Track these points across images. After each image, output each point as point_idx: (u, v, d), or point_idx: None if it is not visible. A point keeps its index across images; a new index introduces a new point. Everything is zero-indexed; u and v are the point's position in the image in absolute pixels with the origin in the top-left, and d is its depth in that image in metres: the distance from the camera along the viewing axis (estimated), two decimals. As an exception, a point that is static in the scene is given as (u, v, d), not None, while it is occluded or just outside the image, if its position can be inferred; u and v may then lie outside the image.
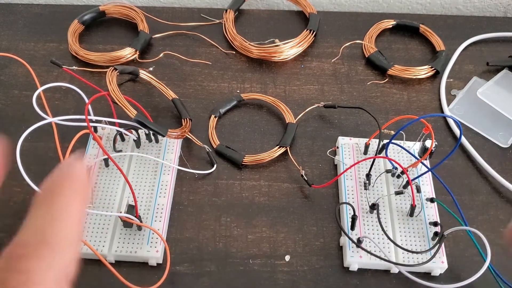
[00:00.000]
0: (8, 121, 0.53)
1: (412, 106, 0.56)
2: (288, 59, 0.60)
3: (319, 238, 0.46)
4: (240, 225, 0.46)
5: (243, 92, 0.56)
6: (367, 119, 0.54)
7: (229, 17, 0.63)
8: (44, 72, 0.57)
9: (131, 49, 0.58)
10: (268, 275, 0.43)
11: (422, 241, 0.44)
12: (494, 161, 0.51)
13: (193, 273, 0.43)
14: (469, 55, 0.61)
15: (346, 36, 0.62)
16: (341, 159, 0.49)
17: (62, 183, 0.20)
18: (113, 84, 0.46)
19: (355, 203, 0.46)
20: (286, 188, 0.49)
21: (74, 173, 0.20)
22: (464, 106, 0.56)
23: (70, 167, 0.20)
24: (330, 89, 0.57)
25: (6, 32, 0.62)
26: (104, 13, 0.63)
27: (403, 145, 0.47)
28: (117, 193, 0.46)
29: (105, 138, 0.49)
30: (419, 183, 0.47)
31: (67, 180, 0.20)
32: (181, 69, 0.58)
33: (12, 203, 0.47)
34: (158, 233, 0.43)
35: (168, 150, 0.49)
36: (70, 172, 0.20)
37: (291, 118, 0.53)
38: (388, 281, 0.43)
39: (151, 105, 0.55)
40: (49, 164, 0.49)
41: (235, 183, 0.49)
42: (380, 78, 0.58)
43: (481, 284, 0.41)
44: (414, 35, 0.63)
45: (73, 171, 0.20)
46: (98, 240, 0.43)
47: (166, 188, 0.47)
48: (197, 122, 0.53)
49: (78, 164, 0.20)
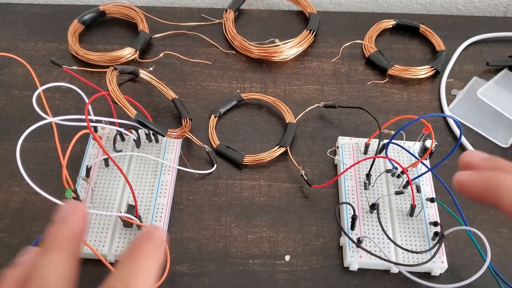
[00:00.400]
0: (8, 121, 0.53)
1: (412, 106, 0.56)
2: (288, 59, 0.60)
3: (319, 238, 0.46)
4: (240, 225, 0.46)
5: (243, 92, 0.56)
6: (367, 119, 0.54)
7: (229, 17, 0.63)
8: (44, 72, 0.57)
9: (131, 49, 0.58)
10: (268, 275, 0.43)
11: (422, 241, 0.44)
12: (494, 161, 0.51)
13: (193, 273, 0.43)
14: (469, 55, 0.61)
15: (346, 36, 0.62)
16: (341, 159, 0.49)
17: (147, 245, 0.24)
18: (113, 84, 0.46)
19: (355, 203, 0.46)
20: (286, 188, 0.49)
21: (155, 238, 0.25)
22: (464, 106, 0.56)
23: (152, 232, 0.25)
24: (330, 89, 0.57)
25: (6, 32, 0.62)
26: (104, 13, 0.63)
27: (403, 145, 0.47)
28: (117, 193, 0.46)
29: (105, 138, 0.49)
30: (419, 183, 0.47)
31: (150, 243, 0.24)
32: (181, 69, 0.58)
33: (12, 203, 0.47)
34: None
35: (168, 150, 0.49)
36: (152, 237, 0.25)
37: (291, 118, 0.53)
38: (388, 281, 0.43)
39: (151, 105, 0.55)
40: (49, 164, 0.49)
41: (235, 183, 0.49)
42: (380, 78, 0.58)
43: (481, 284, 0.41)
44: (414, 35, 0.63)
45: (155, 237, 0.25)
46: (98, 240, 0.43)
47: (166, 188, 0.47)
48: (197, 122, 0.53)
49: (158, 231, 0.25)
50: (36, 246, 0.36)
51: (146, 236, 0.25)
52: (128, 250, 0.24)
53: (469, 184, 0.29)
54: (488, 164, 0.30)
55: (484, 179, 0.28)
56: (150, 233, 0.25)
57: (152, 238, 0.25)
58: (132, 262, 0.24)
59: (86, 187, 0.46)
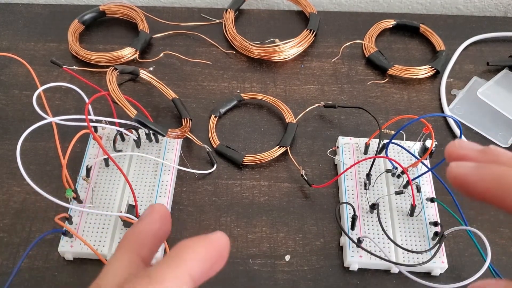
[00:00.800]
0: (8, 121, 0.53)
1: (412, 106, 0.56)
2: (288, 59, 0.60)
3: (319, 238, 0.46)
4: (240, 225, 0.46)
5: (243, 92, 0.56)
6: (367, 119, 0.54)
7: (229, 17, 0.63)
8: (44, 72, 0.57)
9: (131, 49, 0.58)
10: (268, 275, 0.43)
11: (422, 241, 0.44)
12: (494, 161, 0.51)
13: (193, 273, 0.43)
14: (469, 55, 0.61)
15: (346, 36, 0.62)
16: (341, 159, 0.49)
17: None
18: (113, 84, 0.46)
19: (355, 203, 0.46)
20: (286, 188, 0.49)
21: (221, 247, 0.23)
22: (464, 106, 0.56)
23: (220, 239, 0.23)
24: (330, 89, 0.57)
25: (6, 32, 0.62)
26: (104, 13, 0.63)
27: (403, 145, 0.47)
28: (117, 193, 0.46)
29: (105, 138, 0.49)
30: (419, 183, 0.47)
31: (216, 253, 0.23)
32: (181, 69, 0.58)
33: (12, 203, 0.47)
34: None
35: (168, 150, 0.49)
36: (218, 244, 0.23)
37: (291, 118, 0.53)
38: (388, 281, 0.43)
39: (151, 105, 0.55)
40: (49, 164, 0.49)
41: (235, 183, 0.49)
42: (380, 78, 0.58)
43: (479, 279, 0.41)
44: (414, 35, 0.63)
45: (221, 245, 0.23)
46: (98, 240, 0.43)
47: (166, 188, 0.47)
48: (197, 122, 0.53)
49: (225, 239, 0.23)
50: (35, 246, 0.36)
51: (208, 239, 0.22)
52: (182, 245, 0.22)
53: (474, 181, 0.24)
54: (486, 157, 0.25)
55: (494, 176, 0.23)
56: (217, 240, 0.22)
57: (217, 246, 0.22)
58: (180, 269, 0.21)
59: (86, 187, 0.46)
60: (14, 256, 0.44)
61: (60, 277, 0.42)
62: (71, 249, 0.42)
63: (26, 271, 0.43)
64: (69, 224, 0.43)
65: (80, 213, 0.44)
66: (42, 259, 0.43)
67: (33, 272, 0.43)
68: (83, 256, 0.43)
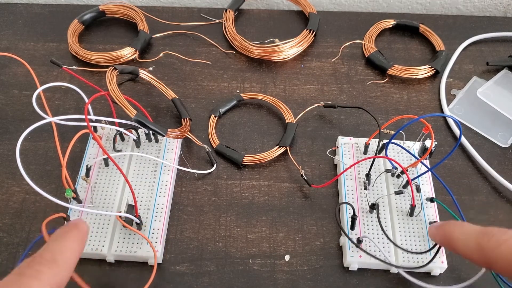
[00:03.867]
0: (8, 121, 0.53)
1: (412, 106, 0.56)
2: (288, 59, 0.60)
3: (319, 238, 0.46)
4: (240, 225, 0.46)
5: (243, 92, 0.56)
6: (367, 119, 0.54)
7: (229, 16, 0.63)
8: (44, 71, 0.57)
9: (131, 48, 0.58)
10: (268, 275, 0.43)
11: (422, 241, 0.44)
12: (494, 161, 0.51)
13: (193, 272, 0.43)
14: (469, 55, 0.61)
15: (346, 36, 0.62)
16: (341, 159, 0.49)
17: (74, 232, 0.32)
18: (113, 83, 0.46)
19: (355, 203, 0.46)
20: (286, 188, 0.49)
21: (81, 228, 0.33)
22: (464, 106, 0.56)
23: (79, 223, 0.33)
24: (330, 89, 0.57)
25: (6, 32, 0.62)
26: (104, 12, 0.63)
27: (403, 145, 0.47)
28: (117, 193, 0.46)
29: (105, 138, 0.49)
30: (419, 183, 0.47)
31: (77, 231, 0.33)
32: (181, 69, 0.58)
33: (12, 202, 0.47)
34: (145, 237, 0.43)
35: (168, 150, 0.49)
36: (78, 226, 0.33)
37: (291, 118, 0.53)
38: (388, 281, 0.43)
39: (151, 105, 0.55)
40: (49, 163, 0.49)
41: (235, 183, 0.49)
42: (380, 78, 0.58)
43: (481, 284, 0.41)
44: (414, 35, 0.63)
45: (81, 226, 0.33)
46: (98, 240, 0.43)
47: (166, 187, 0.47)
48: (197, 121, 0.53)
49: (84, 223, 0.34)
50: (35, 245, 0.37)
51: (74, 224, 0.33)
52: (58, 232, 0.32)
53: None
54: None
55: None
56: (77, 223, 0.33)
57: (78, 227, 0.33)
58: (60, 240, 0.31)
59: (86, 187, 0.46)
60: (14, 256, 0.44)
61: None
62: (71, 249, 0.42)
63: (25, 271, 0.42)
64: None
65: (79, 213, 0.44)
66: (41, 259, 0.43)
67: (32, 272, 0.42)
68: (82, 256, 0.43)
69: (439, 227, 0.35)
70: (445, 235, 0.34)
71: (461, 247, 0.32)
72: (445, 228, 0.34)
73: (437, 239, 0.36)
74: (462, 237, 0.33)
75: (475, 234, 0.32)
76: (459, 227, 0.34)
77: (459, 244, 0.32)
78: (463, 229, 0.33)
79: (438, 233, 0.35)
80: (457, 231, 0.33)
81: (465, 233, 0.33)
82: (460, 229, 0.33)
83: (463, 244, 0.32)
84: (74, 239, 0.32)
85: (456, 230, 0.33)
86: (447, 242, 0.34)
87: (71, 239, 0.32)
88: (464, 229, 0.33)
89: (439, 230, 0.35)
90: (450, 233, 0.34)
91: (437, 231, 0.35)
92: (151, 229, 0.44)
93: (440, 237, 0.35)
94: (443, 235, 0.34)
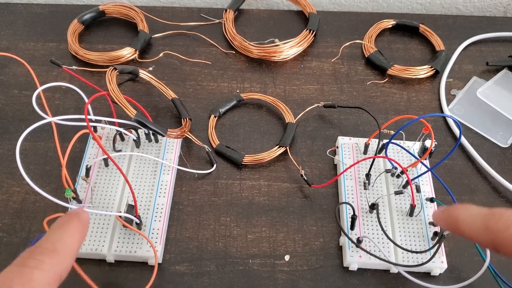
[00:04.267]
0: (8, 121, 0.53)
1: (412, 106, 0.56)
2: (288, 59, 0.60)
3: (319, 238, 0.46)
4: (239, 225, 0.46)
5: (242, 92, 0.56)
6: (367, 119, 0.54)
7: (229, 16, 0.63)
8: (43, 71, 0.57)
9: (131, 48, 0.58)
10: (267, 275, 0.43)
11: (422, 241, 0.44)
12: (494, 161, 0.51)
13: (193, 273, 0.43)
14: (469, 55, 0.61)
15: (346, 36, 0.62)
16: (340, 159, 0.49)
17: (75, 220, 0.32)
18: (113, 83, 0.46)
19: (354, 203, 0.46)
20: (285, 188, 0.49)
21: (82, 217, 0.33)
22: (464, 106, 0.56)
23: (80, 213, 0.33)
24: (330, 89, 0.57)
25: (5, 32, 0.62)
26: (103, 12, 0.63)
27: (403, 145, 0.47)
28: (116, 193, 0.46)
29: (104, 138, 0.49)
30: (419, 183, 0.47)
31: (78, 220, 0.32)
32: (181, 69, 0.58)
33: (12, 202, 0.47)
34: (146, 237, 0.43)
35: (168, 150, 0.49)
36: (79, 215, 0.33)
37: (290, 118, 0.53)
38: (388, 281, 0.43)
39: (151, 105, 0.55)
40: (49, 163, 0.49)
41: (235, 183, 0.49)
42: (380, 78, 0.58)
43: (481, 284, 0.41)
44: (414, 35, 0.63)
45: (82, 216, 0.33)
46: (98, 240, 0.43)
47: (165, 188, 0.47)
48: (196, 121, 0.53)
49: (85, 213, 0.33)
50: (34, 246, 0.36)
51: (75, 213, 0.33)
52: (59, 221, 0.32)
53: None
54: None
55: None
56: (78, 212, 0.33)
57: (79, 217, 0.33)
58: (61, 230, 0.31)
59: (85, 187, 0.46)
60: (14, 256, 0.43)
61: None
62: (71, 249, 0.42)
63: (25, 271, 0.42)
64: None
65: (79, 213, 0.44)
66: (41, 259, 0.43)
67: (32, 272, 0.42)
68: (82, 256, 0.43)
69: (444, 210, 0.34)
70: (451, 217, 0.33)
71: (467, 229, 0.31)
72: (450, 210, 0.33)
73: (442, 222, 0.35)
74: (469, 219, 0.31)
75: (482, 215, 0.31)
76: (465, 209, 0.32)
77: (465, 226, 0.31)
78: (470, 211, 0.32)
79: (443, 216, 0.34)
80: (463, 213, 0.32)
81: (472, 215, 0.31)
82: (466, 211, 0.32)
83: (470, 225, 0.31)
84: (75, 228, 0.32)
85: (461, 212, 0.32)
86: (452, 224, 0.33)
87: (71, 228, 0.31)
88: (471, 211, 0.32)
89: (444, 212, 0.34)
90: (456, 215, 0.32)
91: (442, 214, 0.34)
92: (151, 229, 0.44)
93: (445, 220, 0.34)
94: (448, 217, 0.33)
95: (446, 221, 0.34)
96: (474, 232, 0.31)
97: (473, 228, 0.31)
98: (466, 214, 0.32)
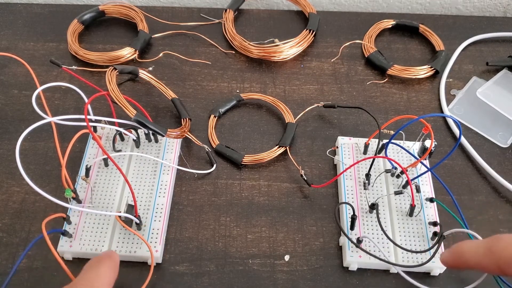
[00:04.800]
0: (8, 121, 0.53)
1: (412, 106, 0.56)
2: (287, 59, 0.60)
3: (319, 238, 0.46)
4: (239, 225, 0.46)
5: (242, 92, 0.56)
6: (366, 119, 0.54)
7: (229, 17, 0.63)
8: (43, 71, 0.57)
9: (131, 48, 0.58)
10: (267, 275, 0.43)
11: (422, 241, 0.44)
12: (494, 161, 0.51)
13: (192, 273, 0.43)
14: (468, 55, 0.61)
15: (346, 36, 0.62)
16: (340, 159, 0.49)
17: (107, 260, 0.35)
18: (113, 83, 0.46)
19: (354, 203, 0.46)
20: (285, 188, 0.49)
21: (113, 258, 0.36)
22: (464, 106, 0.56)
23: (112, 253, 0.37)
24: (329, 89, 0.57)
25: (5, 32, 0.62)
26: (103, 12, 0.63)
27: (403, 145, 0.47)
28: (116, 193, 0.46)
29: (104, 138, 0.49)
30: (419, 183, 0.47)
31: (110, 260, 0.35)
32: (181, 69, 0.58)
33: (12, 203, 0.47)
34: (143, 238, 0.43)
35: (168, 150, 0.49)
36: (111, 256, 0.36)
37: (290, 118, 0.53)
38: (387, 281, 0.43)
39: (151, 105, 0.55)
40: (49, 163, 0.49)
41: (235, 183, 0.49)
42: (380, 78, 0.58)
43: (481, 284, 0.41)
44: (413, 35, 0.63)
45: (113, 256, 0.36)
46: (97, 240, 0.43)
47: (165, 188, 0.46)
48: (196, 122, 0.53)
49: (115, 254, 0.37)
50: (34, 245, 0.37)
51: (107, 255, 0.36)
52: (91, 262, 0.35)
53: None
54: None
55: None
56: (110, 253, 0.36)
57: (111, 257, 0.36)
58: (96, 269, 0.34)
59: (85, 187, 0.46)
60: (14, 256, 0.44)
61: (59, 277, 0.42)
62: (70, 249, 0.42)
63: (25, 271, 0.43)
64: (68, 224, 0.43)
65: (79, 213, 0.44)
66: (41, 259, 0.43)
67: (32, 272, 0.43)
68: (82, 256, 0.43)
69: (449, 249, 0.36)
70: (456, 252, 0.35)
71: (472, 257, 0.33)
72: (454, 247, 0.35)
73: (449, 261, 0.36)
74: (472, 248, 0.33)
75: (484, 242, 0.33)
76: (468, 241, 0.35)
77: (470, 255, 0.33)
78: (472, 242, 0.34)
79: (449, 254, 0.35)
80: (466, 245, 0.34)
81: (474, 244, 0.33)
82: (469, 243, 0.34)
83: (474, 252, 0.33)
84: (108, 267, 0.34)
85: (465, 245, 0.34)
86: (459, 258, 0.34)
87: (105, 267, 0.34)
88: (473, 242, 0.34)
89: (449, 251, 0.36)
90: (460, 249, 0.34)
91: (448, 253, 0.36)
92: (150, 229, 0.44)
93: (451, 257, 0.35)
94: (453, 253, 0.35)
95: (452, 257, 0.35)
96: (479, 257, 0.32)
97: (478, 254, 0.32)
98: (469, 244, 0.34)
